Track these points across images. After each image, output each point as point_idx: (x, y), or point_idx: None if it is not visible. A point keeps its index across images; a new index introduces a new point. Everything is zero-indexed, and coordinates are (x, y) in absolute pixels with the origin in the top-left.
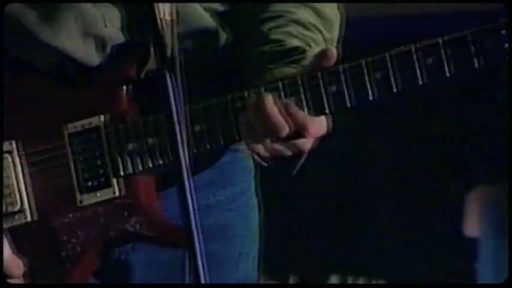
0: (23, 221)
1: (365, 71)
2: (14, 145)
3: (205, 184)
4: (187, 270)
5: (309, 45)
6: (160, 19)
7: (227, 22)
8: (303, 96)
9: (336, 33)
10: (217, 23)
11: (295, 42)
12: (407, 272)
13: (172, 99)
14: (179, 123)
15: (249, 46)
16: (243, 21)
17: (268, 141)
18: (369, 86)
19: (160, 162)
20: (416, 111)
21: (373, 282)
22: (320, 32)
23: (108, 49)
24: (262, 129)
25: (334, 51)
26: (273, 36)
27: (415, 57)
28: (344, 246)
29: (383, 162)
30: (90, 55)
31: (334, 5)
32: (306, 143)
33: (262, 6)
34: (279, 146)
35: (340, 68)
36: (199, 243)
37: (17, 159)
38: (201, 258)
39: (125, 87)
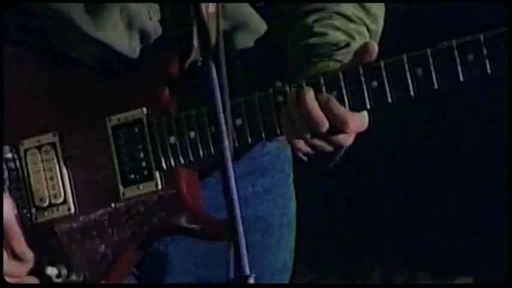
0: (66, 213)
1: (406, 67)
2: (57, 137)
3: (243, 175)
4: (231, 261)
5: (353, 38)
6: (205, 11)
7: (270, 15)
8: (344, 92)
9: (380, 26)
10: (260, 16)
11: (339, 35)
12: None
13: (217, 91)
14: (225, 115)
15: (293, 39)
16: (286, 14)
17: (308, 136)
18: (410, 82)
19: (202, 155)
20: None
21: (419, 274)
22: (364, 23)
23: (152, 42)
24: (302, 124)
25: (374, 45)
26: (316, 29)
27: (456, 53)
28: (387, 240)
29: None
30: (135, 48)
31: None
32: (346, 139)
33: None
34: (318, 141)
35: (382, 64)
36: (243, 235)
37: (60, 152)
38: (245, 250)
39: (167, 80)
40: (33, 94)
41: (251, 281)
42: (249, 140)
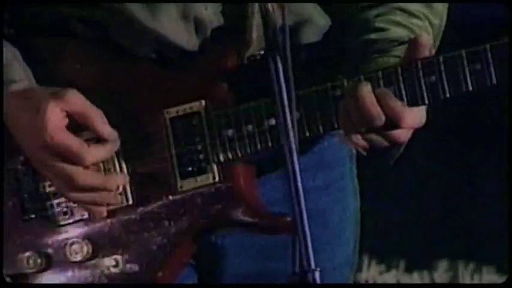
0: (124, 203)
1: (464, 62)
2: (115, 130)
3: (304, 169)
4: (297, 254)
5: (416, 33)
6: (270, 5)
7: (329, 9)
8: (401, 86)
9: (444, 20)
10: (321, 10)
11: (400, 31)
12: None
13: (282, 83)
14: (290, 107)
15: (353, 34)
16: (346, 8)
17: (364, 130)
18: (468, 77)
19: (259, 148)
20: None
21: (484, 268)
22: (427, 18)
23: (208, 32)
24: (358, 118)
25: (426, 39)
26: (377, 24)
27: None
28: (452, 230)
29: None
30: (190, 38)
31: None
32: (403, 134)
33: None
34: (375, 136)
35: (440, 59)
36: (309, 228)
37: (118, 143)
38: (310, 244)
39: (225, 72)
40: (91, 86)
41: (317, 275)
42: (307, 133)
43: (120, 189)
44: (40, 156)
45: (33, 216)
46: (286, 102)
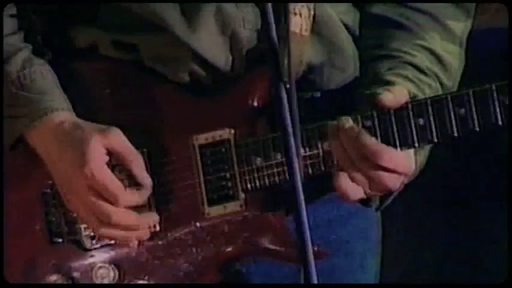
0: (152, 230)
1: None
2: (146, 154)
3: (327, 199)
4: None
5: (423, 92)
6: (299, 32)
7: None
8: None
9: (456, 82)
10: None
11: (410, 88)
12: None
13: (287, 118)
14: (295, 141)
15: (363, 82)
16: (359, 53)
17: (352, 171)
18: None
19: (287, 177)
20: None
21: None
22: (438, 78)
23: (244, 52)
24: (341, 154)
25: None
26: (388, 78)
27: None
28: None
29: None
30: (226, 57)
31: (458, 52)
32: (390, 179)
33: (380, 42)
34: (361, 177)
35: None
36: (312, 256)
37: (148, 168)
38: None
39: (257, 99)
40: (122, 111)
41: None
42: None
43: (152, 227)
44: (76, 188)
45: (60, 240)
46: (291, 134)
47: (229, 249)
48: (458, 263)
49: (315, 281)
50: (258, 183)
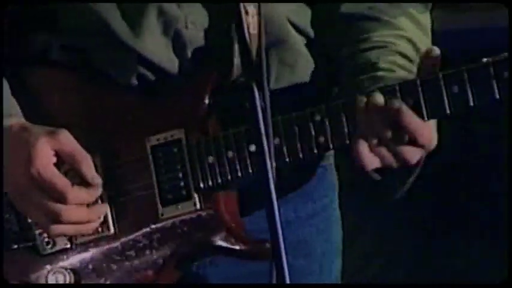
0: (106, 233)
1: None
2: (99, 158)
3: (286, 200)
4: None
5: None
6: (247, 30)
7: (320, 44)
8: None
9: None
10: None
11: (403, 74)
12: None
13: (259, 111)
14: (267, 135)
15: (354, 71)
16: (341, 46)
17: (375, 143)
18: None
19: (239, 175)
20: None
21: None
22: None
23: (189, 53)
24: (370, 127)
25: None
26: (383, 65)
27: None
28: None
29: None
30: (172, 58)
31: (426, 42)
32: (414, 154)
33: (361, 34)
34: (384, 151)
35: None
36: (286, 255)
37: (100, 171)
38: (287, 271)
39: (206, 99)
40: (73, 115)
41: None
42: (287, 159)
43: (102, 218)
44: (24, 190)
45: (15, 246)
46: (262, 129)
47: (185, 249)
48: (458, 263)
49: (288, 280)
50: (210, 182)
